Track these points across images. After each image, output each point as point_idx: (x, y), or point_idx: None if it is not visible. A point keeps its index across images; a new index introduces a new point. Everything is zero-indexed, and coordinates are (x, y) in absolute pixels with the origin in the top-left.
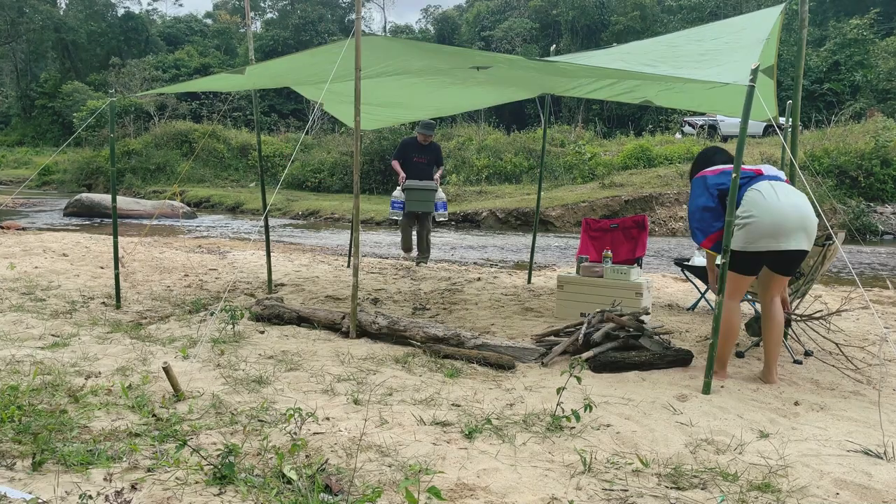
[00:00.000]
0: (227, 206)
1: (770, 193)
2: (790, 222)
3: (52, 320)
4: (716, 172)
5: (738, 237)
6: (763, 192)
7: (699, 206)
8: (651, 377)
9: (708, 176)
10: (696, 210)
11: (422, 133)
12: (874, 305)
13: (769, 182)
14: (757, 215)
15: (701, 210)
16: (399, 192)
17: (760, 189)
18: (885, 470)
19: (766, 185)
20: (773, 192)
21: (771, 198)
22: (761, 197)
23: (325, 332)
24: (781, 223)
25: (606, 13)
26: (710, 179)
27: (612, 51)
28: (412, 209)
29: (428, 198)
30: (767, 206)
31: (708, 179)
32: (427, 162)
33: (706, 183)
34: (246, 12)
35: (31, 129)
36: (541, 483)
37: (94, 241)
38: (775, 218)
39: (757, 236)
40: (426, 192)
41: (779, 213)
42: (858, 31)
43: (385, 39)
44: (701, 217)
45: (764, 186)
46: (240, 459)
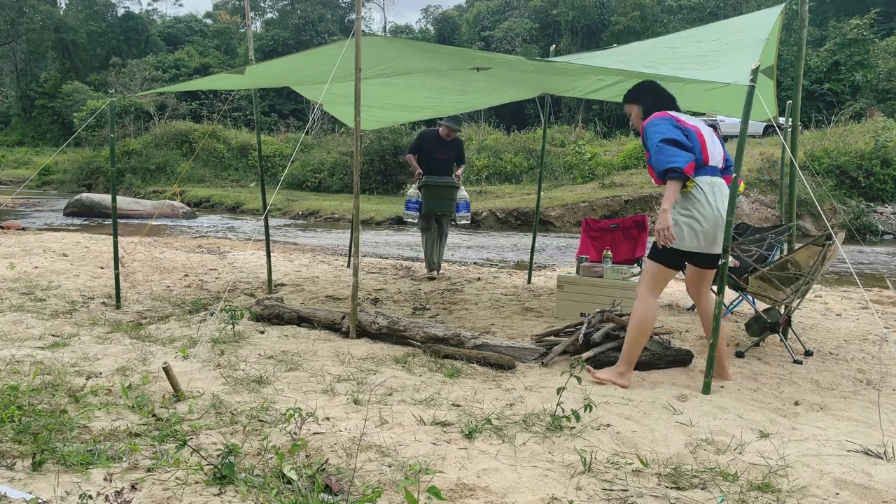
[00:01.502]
0: (227, 206)
1: (711, 195)
2: (712, 228)
3: (52, 320)
4: (684, 125)
5: (678, 234)
6: (705, 192)
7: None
8: (651, 377)
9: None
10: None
11: (447, 126)
12: (874, 305)
13: (710, 179)
14: (691, 217)
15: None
16: (415, 190)
17: (703, 188)
18: (885, 470)
19: (707, 182)
20: (713, 194)
21: (710, 198)
22: (703, 197)
23: (325, 332)
24: (708, 228)
25: (606, 13)
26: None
27: (612, 51)
28: (431, 210)
29: (450, 196)
30: (702, 210)
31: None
32: (448, 159)
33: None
34: (246, 12)
35: (31, 129)
36: (541, 483)
37: (94, 241)
38: (704, 223)
39: (683, 238)
40: (448, 190)
41: (706, 218)
42: (858, 31)
43: (385, 39)
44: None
45: (706, 185)
46: (240, 459)
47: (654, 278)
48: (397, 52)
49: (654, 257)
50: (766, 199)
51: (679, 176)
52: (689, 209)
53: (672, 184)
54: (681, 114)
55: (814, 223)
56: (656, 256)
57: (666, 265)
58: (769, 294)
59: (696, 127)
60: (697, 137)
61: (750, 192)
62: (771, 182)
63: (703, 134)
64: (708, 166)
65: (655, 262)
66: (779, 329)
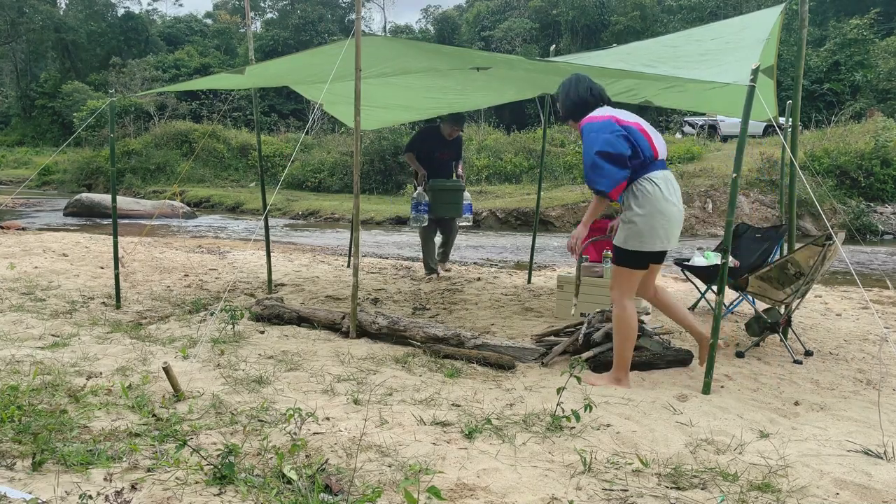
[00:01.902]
0: (227, 206)
1: (666, 190)
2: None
3: (52, 320)
4: (623, 124)
5: (631, 235)
6: (660, 187)
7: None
8: (651, 377)
9: (615, 125)
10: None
11: (450, 126)
12: (874, 305)
13: (663, 174)
14: (649, 214)
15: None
16: (421, 191)
17: (658, 184)
18: (885, 470)
19: (661, 177)
20: (668, 188)
21: (665, 193)
22: (658, 193)
23: (325, 332)
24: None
25: (606, 13)
26: (619, 130)
27: (612, 51)
28: (440, 214)
29: (458, 200)
30: (659, 205)
31: (616, 129)
32: (449, 158)
33: (615, 130)
34: (246, 12)
35: (31, 129)
36: (541, 483)
37: (93, 241)
38: (663, 217)
39: (646, 236)
40: (457, 194)
41: (665, 212)
42: (858, 31)
43: (385, 39)
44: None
45: (660, 180)
46: (240, 459)
47: (626, 283)
48: (397, 52)
49: (622, 263)
50: (766, 199)
51: (605, 197)
52: (646, 207)
53: (597, 200)
54: (618, 110)
55: (814, 223)
56: (624, 262)
57: (634, 268)
58: (769, 294)
59: (636, 123)
60: (641, 134)
61: (750, 192)
62: (771, 182)
63: (646, 129)
64: (659, 160)
65: (624, 267)
66: (779, 329)
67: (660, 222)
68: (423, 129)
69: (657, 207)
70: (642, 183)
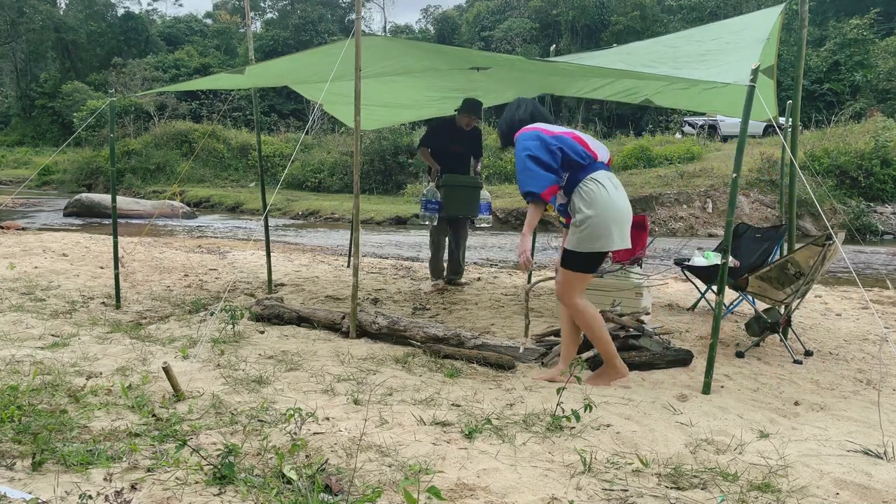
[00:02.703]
0: (226, 206)
1: (610, 187)
2: (622, 220)
3: (52, 320)
4: (551, 134)
5: (583, 237)
6: (605, 186)
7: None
8: (651, 377)
9: (543, 135)
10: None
11: (466, 115)
12: (874, 305)
13: (606, 174)
14: (598, 213)
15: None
16: (432, 188)
17: (602, 182)
18: (885, 470)
19: (604, 176)
20: (612, 186)
21: (612, 192)
22: (604, 192)
23: (325, 332)
24: (618, 221)
25: (606, 13)
26: (546, 138)
27: (612, 51)
28: (452, 212)
29: (473, 198)
30: (608, 204)
31: (544, 137)
32: (464, 152)
33: (542, 138)
34: (246, 12)
35: (31, 129)
36: (541, 483)
37: (93, 241)
38: (613, 216)
39: (597, 237)
40: (472, 191)
41: (615, 210)
42: (858, 31)
43: (385, 39)
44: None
45: (603, 179)
46: (240, 459)
47: (576, 288)
48: (397, 52)
49: (575, 267)
50: (766, 199)
51: (538, 200)
52: (596, 207)
53: (532, 207)
54: (548, 124)
55: (814, 223)
56: (577, 266)
57: (586, 271)
58: (769, 294)
59: (570, 133)
60: (574, 140)
61: (750, 192)
62: (771, 182)
63: (580, 136)
64: (599, 162)
65: (575, 271)
66: (779, 329)
67: (613, 220)
68: (436, 120)
69: (606, 205)
70: (587, 184)
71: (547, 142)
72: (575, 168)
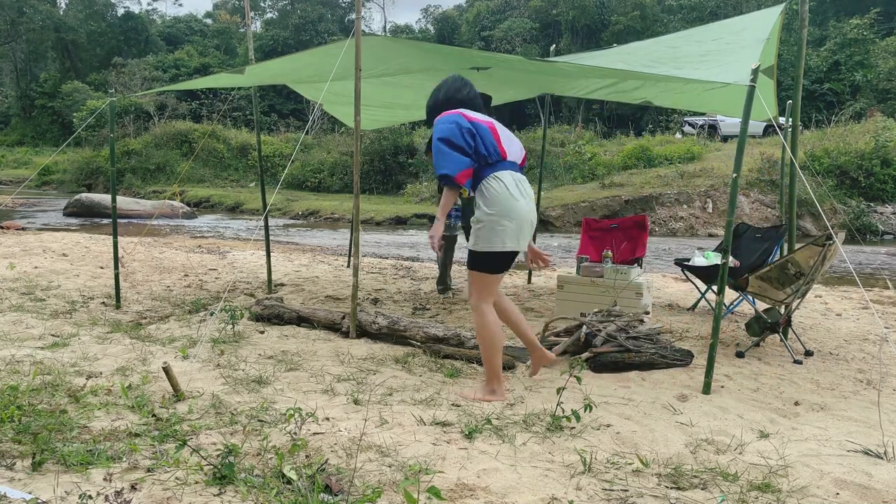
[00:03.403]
0: (226, 206)
1: (513, 187)
2: (524, 222)
3: (52, 320)
4: (470, 120)
5: (481, 237)
6: (508, 186)
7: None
8: (651, 377)
9: (461, 119)
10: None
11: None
12: (874, 305)
13: (511, 174)
14: (498, 214)
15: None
16: None
17: (505, 182)
18: (885, 470)
19: (508, 176)
20: (515, 185)
21: (514, 192)
22: (506, 192)
23: (325, 332)
24: (518, 223)
25: (606, 13)
26: (463, 123)
27: (612, 51)
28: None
29: None
30: (509, 204)
31: (461, 122)
32: None
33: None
34: (246, 12)
35: (30, 129)
36: (541, 483)
37: (93, 241)
38: (514, 217)
39: (497, 237)
40: None
41: (515, 211)
42: (858, 30)
43: (385, 39)
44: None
45: (507, 179)
46: (240, 459)
47: (484, 288)
48: (397, 52)
49: (477, 267)
50: (766, 199)
51: (452, 184)
52: (494, 206)
53: (447, 191)
54: (473, 111)
55: (814, 223)
56: (478, 266)
57: (489, 272)
58: (769, 294)
59: (489, 122)
60: (491, 133)
61: (750, 192)
62: (771, 182)
63: (496, 129)
64: (507, 161)
65: (478, 271)
66: (779, 329)
67: (507, 221)
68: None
69: (505, 206)
70: (489, 181)
71: (462, 126)
72: (482, 163)
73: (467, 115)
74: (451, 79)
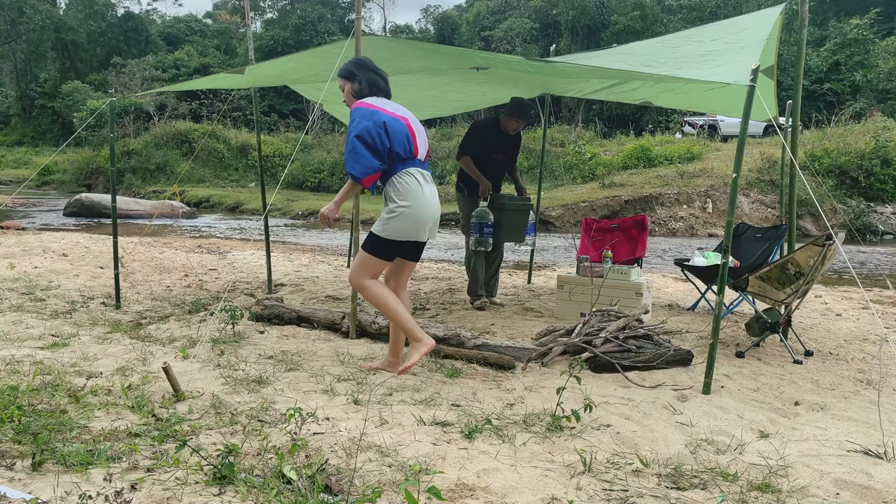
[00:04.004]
0: (226, 206)
1: (423, 183)
2: (434, 216)
3: (52, 320)
4: (389, 114)
5: (390, 225)
6: (420, 182)
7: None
8: (651, 377)
9: (382, 115)
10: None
11: (514, 118)
12: (874, 305)
13: (420, 171)
14: (413, 206)
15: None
16: (485, 209)
17: (416, 177)
18: (885, 470)
19: (417, 173)
20: (424, 181)
21: (425, 188)
22: (419, 187)
23: (325, 332)
24: (429, 216)
25: (606, 13)
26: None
27: (611, 51)
28: (507, 240)
29: (524, 221)
30: (421, 199)
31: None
32: (506, 161)
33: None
34: (246, 12)
35: (30, 129)
36: (541, 483)
37: (93, 241)
38: (425, 211)
39: (407, 228)
40: (525, 215)
41: (427, 206)
42: (859, 30)
43: (385, 39)
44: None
45: (418, 176)
46: (240, 459)
47: (369, 271)
48: (397, 52)
49: (374, 251)
50: (766, 199)
51: (357, 183)
52: (408, 201)
53: (350, 185)
54: (391, 103)
55: (814, 223)
56: (377, 250)
57: (380, 257)
58: (769, 294)
59: (405, 118)
60: (407, 130)
61: (750, 192)
62: (771, 182)
63: (412, 126)
64: (417, 159)
65: (373, 256)
66: (779, 329)
67: (423, 215)
68: (479, 124)
69: (420, 200)
70: (403, 177)
71: (379, 124)
72: (395, 160)
73: (386, 109)
74: (368, 62)
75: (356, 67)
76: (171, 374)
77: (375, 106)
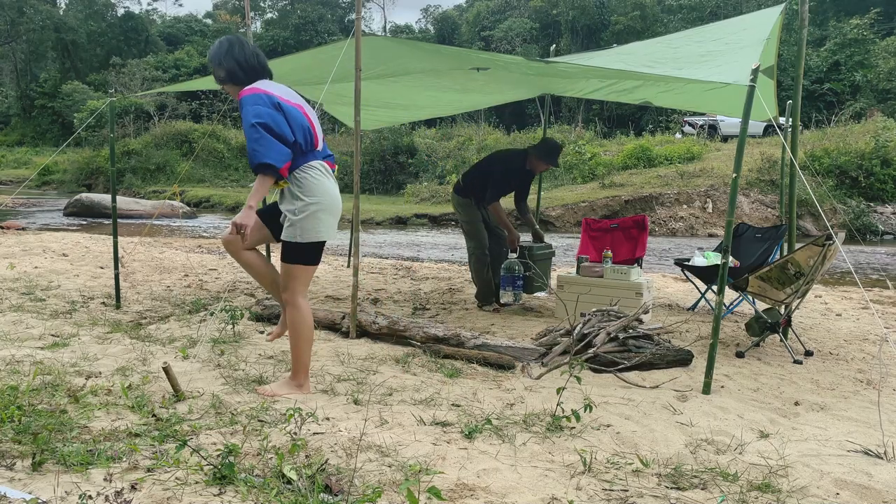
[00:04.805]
0: (227, 206)
1: (329, 178)
2: (339, 213)
3: (52, 320)
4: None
5: (306, 227)
6: (325, 175)
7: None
8: (651, 377)
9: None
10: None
11: (543, 162)
12: (874, 305)
13: (320, 163)
14: (322, 202)
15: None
16: (515, 261)
17: (320, 170)
18: (885, 470)
19: (320, 166)
20: (329, 175)
21: (331, 183)
22: (325, 181)
23: (325, 332)
24: (339, 211)
25: (606, 13)
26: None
27: (612, 51)
28: (534, 291)
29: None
30: (330, 193)
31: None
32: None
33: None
34: (246, 12)
35: (31, 129)
36: (541, 483)
37: (93, 241)
38: (336, 205)
39: (321, 227)
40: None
41: (336, 200)
42: (858, 30)
43: (385, 40)
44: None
45: (320, 167)
46: (240, 459)
47: (302, 282)
48: (397, 52)
49: (299, 260)
50: (766, 199)
51: (276, 175)
52: (317, 196)
53: (264, 179)
54: (281, 87)
55: (814, 223)
56: (302, 259)
57: (310, 263)
58: (769, 294)
59: (300, 106)
60: (305, 118)
61: (750, 192)
62: (771, 182)
63: (309, 115)
64: (318, 151)
65: (300, 265)
66: (779, 329)
67: (331, 210)
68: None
69: (327, 195)
70: (306, 171)
71: (283, 112)
72: (296, 152)
73: (282, 96)
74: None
75: (222, 56)
76: (172, 374)
77: (269, 91)
